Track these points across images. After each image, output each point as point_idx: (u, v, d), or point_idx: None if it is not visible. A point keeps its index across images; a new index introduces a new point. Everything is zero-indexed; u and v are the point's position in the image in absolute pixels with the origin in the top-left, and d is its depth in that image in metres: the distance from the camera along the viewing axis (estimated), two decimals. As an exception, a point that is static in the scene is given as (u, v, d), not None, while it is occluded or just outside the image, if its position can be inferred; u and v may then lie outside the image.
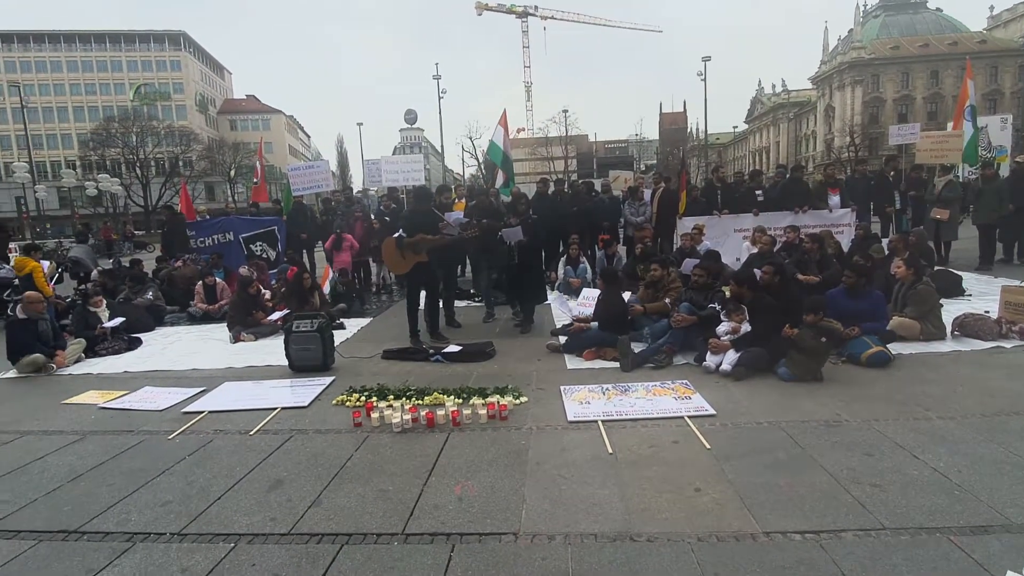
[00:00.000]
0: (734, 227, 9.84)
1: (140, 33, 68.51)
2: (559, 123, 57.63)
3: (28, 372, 6.18)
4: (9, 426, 4.69)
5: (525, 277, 7.04)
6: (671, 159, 62.93)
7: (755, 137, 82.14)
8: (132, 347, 7.18)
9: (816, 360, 4.82)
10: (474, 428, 4.15)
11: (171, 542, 2.90)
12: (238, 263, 10.09)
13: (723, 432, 3.89)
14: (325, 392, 5.12)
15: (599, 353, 5.69)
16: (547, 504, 3.05)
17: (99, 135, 53.59)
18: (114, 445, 4.18)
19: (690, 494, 3.09)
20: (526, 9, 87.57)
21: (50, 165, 60.71)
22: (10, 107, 56.82)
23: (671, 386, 4.76)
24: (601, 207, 10.50)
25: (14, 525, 3.14)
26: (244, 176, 56.76)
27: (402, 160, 12.15)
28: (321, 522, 3.00)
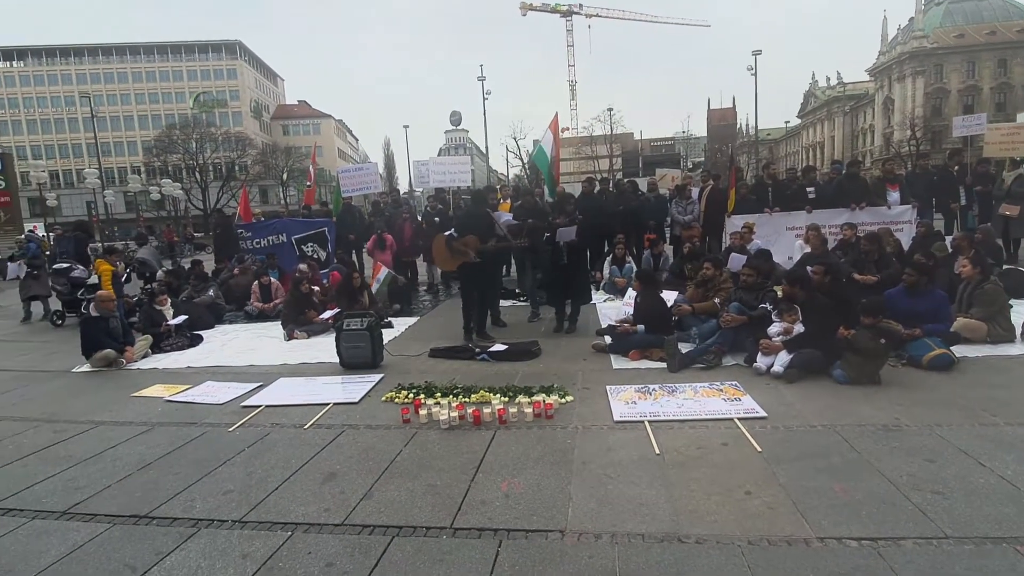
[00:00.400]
0: (786, 225, 9.53)
1: (199, 44, 71.65)
2: (604, 121, 57.20)
3: (100, 366, 6.57)
4: (84, 416, 5.01)
5: (570, 277, 7.03)
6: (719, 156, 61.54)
7: (808, 132, 79.34)
8: (194, 343, 7.54)
9: (874, 362, 4.65)
10: (520, 426, 4.19)
11: (232, 529, 3.05)
12: (291, 264, 10.43)
13: (774, 435, 3.81)
14: (374, 389, 5.26)
15: (645, 353, 5.63)
16: (593, 503, 3.06)
17: (162, 142, 56.30)
18: (179, 436, 4.41)
19: (740, 497, 3.04)
20: (571, 8, 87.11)
21: (117, 171, 64.13)
22: (82, 117, 60.29)
23: (720, 387, 4.68)
24: (647, 206, 10.39)
25: (91, 509, 3.36)
26: (295, 179, 58.61)
27: (449, 161, 12.31)
28: (373, 514, 3.10)
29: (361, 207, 13.83)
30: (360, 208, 13.44)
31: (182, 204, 50.33)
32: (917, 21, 57.05)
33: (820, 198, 9.75)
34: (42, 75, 68.78)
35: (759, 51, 36.64)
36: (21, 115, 68.37)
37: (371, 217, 11.91)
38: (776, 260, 7.80)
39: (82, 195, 52.23)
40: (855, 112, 69.04)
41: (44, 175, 33.35)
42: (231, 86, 71.51)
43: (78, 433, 4.61)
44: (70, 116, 66.95)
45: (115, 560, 2.81)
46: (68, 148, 68.03)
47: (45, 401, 5.56)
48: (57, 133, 68.71)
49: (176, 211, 50.19)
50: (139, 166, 60.39)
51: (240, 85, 71.94)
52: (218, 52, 71.81)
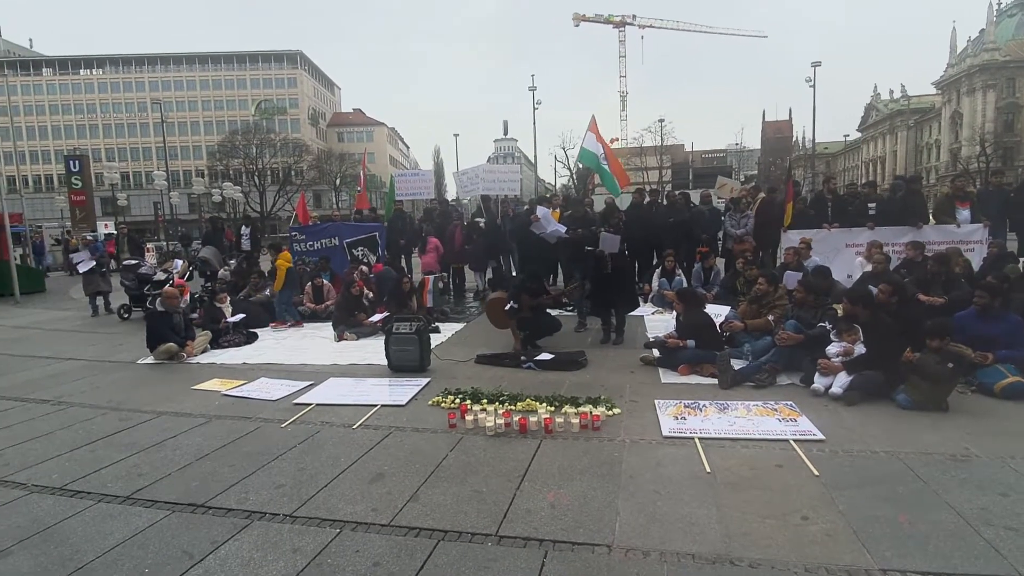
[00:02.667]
0: (846, 242, 9.17)
1: (262, 53, 74.75)
2: (654, 133, 56.57)
3: (163, 359, 6.88)
4: (148, 406, 5.24)
5: (616, 286, 6.96)
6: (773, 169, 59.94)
7: (869, 146, 76.40)
8: (250, 341, 7.81)
9: (941, 388, 4.41)
10: (566, 436, 4.15)
11: (284, 523, 3.12)
12: (342, 267, 10.70)
13: (833, 459, 3.65)
14: (421, 392, 5.32)
15: (695, 368, 5.51)
16: (642, 519, 3.00)
17: (224, 147, 58.87)
18: (235, 429, 4.56)
19: (796, 522, 2.92)
20: (624, 19, 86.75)
21: (183, 174, 67.32)
22: (152, 122, 63.77)
23: (775, 407, 4.53)
24: (699, 218, 10.18)
25: (152, 495, 3.50)
26: (347, 185, 60.23)
27: (499, 169, 12.38)
28: (419, 517, 3.12)
29: (411, 213, 14.10)
30: (410, 214, 13.70)
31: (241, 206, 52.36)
32: (988, 33, 54.28)
33: (882, 214, 9.35)
34: (118, 82, 73.10)
35: (818, 62, 35.51)
36: (98, 120, 72.77)
37: (421, 222, 12.10)
38: (835, 278, 7.49)
39: (150, 196, 54.97)
40: (919, 126, 66.12)
41: (116, 176, 35.32)
42: (291, 94, 74.29)
43: (141, 422, 4.84)
44: (141, 121, 70.80)
45: (174, 546, 2.92)
46: (139, 151, 71.88)
47: (112, 390, 5.85)
48: (129, 137, 72.72)
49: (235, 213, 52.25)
50: (203, 169, 63.25)
51: (299, 93, 74.65)
52: (280, 62, 74.77)
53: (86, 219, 29.48)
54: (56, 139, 70.60)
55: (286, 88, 74.34)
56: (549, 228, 7.15)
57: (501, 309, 6.80)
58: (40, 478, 3.79)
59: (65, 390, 5.88)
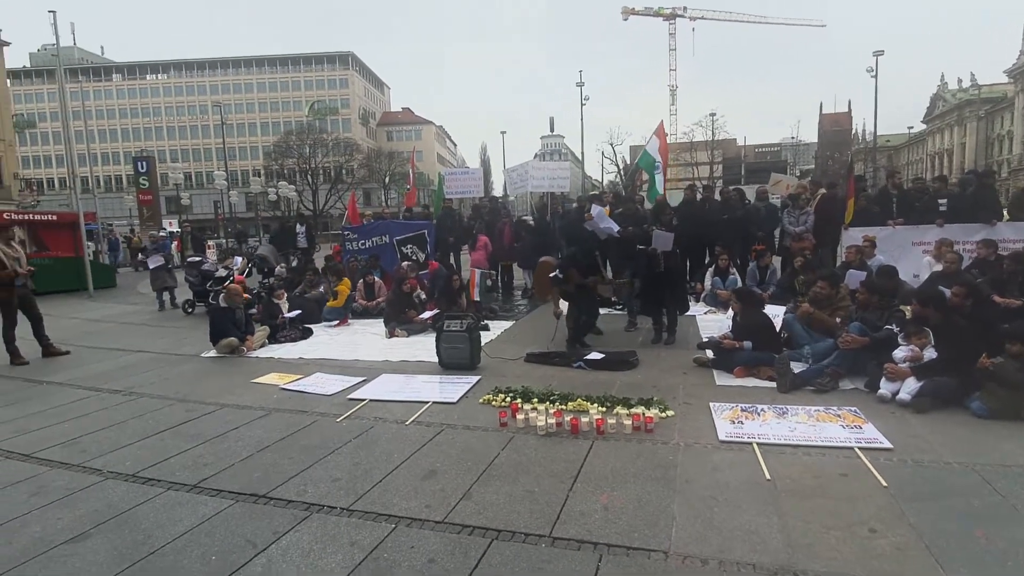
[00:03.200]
0: (913, 239, 8.70)
1: (316, 55, 76.86)
2: (705, 127, 55.18)
3: (224, 352, 7.17)
4: (211, 398, 5.47)
5: (667, 285, 6.82)
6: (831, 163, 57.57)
7: (935, 138, 72.36)
8: (305, 336, 8.04)
9: (1021, 396, 4.13)
10: (618, 438, 4.10)
11: (341, 516, 3.20)
12: (392, 264, 10.89)
13: (902, 469, 3.47)
14: (472, 390, 5.34)
15: (752, 371, 5.34)
16: (699, 526, 2.93)
17: (280, 147, 60.89)
18: (292, 423, 4.70)
19: (864, 535, 2.79)
20: (674, 11, 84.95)
21: (241, 173, 69.94)
22: (212, 124, 66.42)
23: (838, 412, 4.34)
24: (755, 215, 9.87)
25: (217, 485, 3.64)
26: (396, 183, 61.30)
27: (549, 166, 12.32)
28: (472, 515, 3.13)
29: (459, 210, 14.22)
30: (459, 211, 13.82)
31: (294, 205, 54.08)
32: (1072, 14, 50.50)
33: (952, 211, 8.83)
34: (181, 86, 76.61)
35: (881, 51, 33.88)
36: (163, 122, 76.47)
37: (470, 220, 12.18)
38: (901, 278, 7.14)
39: (210, 195, 57.37)
40: (990, 117, 62.12)
41: (180, 176, 36.96)
42: (342, 95, 76.19)
43: (205, 413, 5.05)
44: (203, 123, 73.92)
45: (238, 535, 3.03)
46: (200, 152, 75.10)
47: (178, 382, 6.13)
48: (191, 139, 76.10)
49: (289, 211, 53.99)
50: (259, 169, 65.63)
51: (351, 94, 76.47)
52: (332, 63, 76.73)
53: (152, 217, 31.07)
54: (125, 141, 74.51)
55: (338, 89, 76.27)
56: (603, 225, 7.07)
57: (547, 274, 6.77)
58: (114, 465, 4.00)
59: (135, 381, 6.20)
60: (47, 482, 3.79)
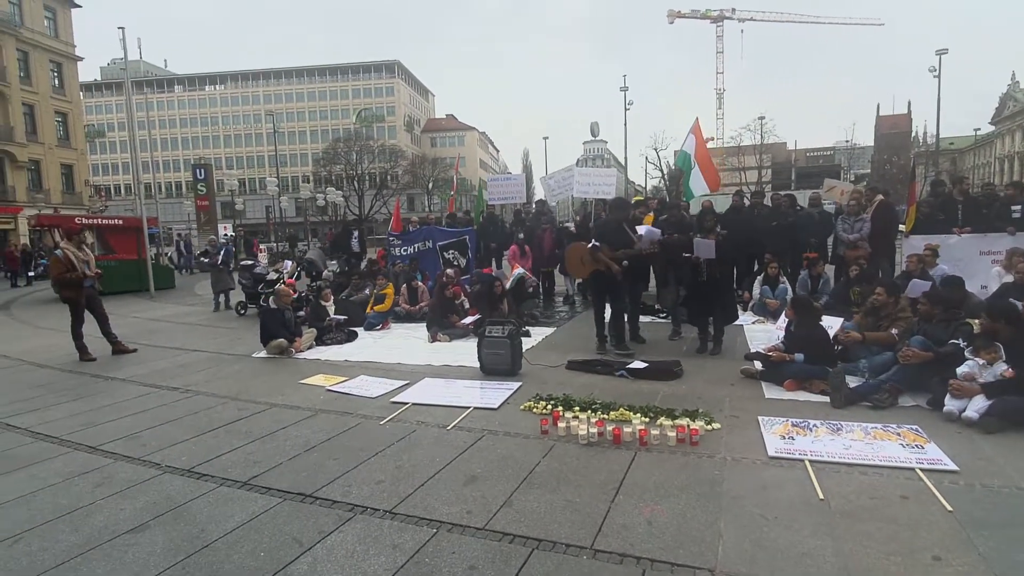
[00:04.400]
0: (980, 249, 8.24)
1: (363, 65, 78.78)
2: (753, 131, 53.83)
3: (274, 353, 7.38)
4: (261, 397, 5.63)
5: (713, 294, 6.65)
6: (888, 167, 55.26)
7: (1004, 141, 68.45)
8: (350, 339, 8.21)
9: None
10: (662, 450, 4.01)
11: (384, 518, 3.23)
12: (435, 269, 11.03)
13: (969, 493, 3.27)
14: (513, 397, 5.33)
15: (803, 384, 5.14)
16: (747, 545, 2.83)
17: (328, 154, 62.58)
18: (338, 424, 4.80)
19: (927, 562, 2.64)
20: (722, 13, 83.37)
21: (291, 180, 72.07)
22: (265, 132, 68.89)
23: (897, 431, 4.13)
24: (807, 222, 9.53)
25: (266, 482, 3.74)
26: (439, 189, 62.11)
27: (595, 172, 12.21)
28: (512, 523, 3.12)
29: (501, 216, 14.28)
30: (501, 217, 13.87)
31: (341, 210, 55.41)
32: None
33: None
34: (237, 96, 79.73)
35: (944, 50, 32.34)
36: (220, 131, 79.73)
37: (512, 227, 12.21)
38: (968, 289, 6.76)
39: (262, 200, 59.40)
40: (1069, 117, 58.45)
41: (235, 183, 38.53)
42: (388, 102, 77.80)
43: (256, 412, 5.20)
44: (256, 132, 76.73)
45: (286, 533, 3.10)
46: (254, 159, 77.91)
47: (231, 381, 6.35)
48: (246, 147, 79.08)
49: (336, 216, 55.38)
50: (308, 175, 67.61)
51: (396, 101, 78.01)
52: (379, 72, 78.47)
53: (209, 222, 32.42)
54: (184, 149, 78.00)
55: (384, 96, 77.92)
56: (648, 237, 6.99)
57: (578, 253, 6.82)
58: (172, 459, 4.16)
59: (192, 379, 6.45)
60: (111, 474, 3.97)
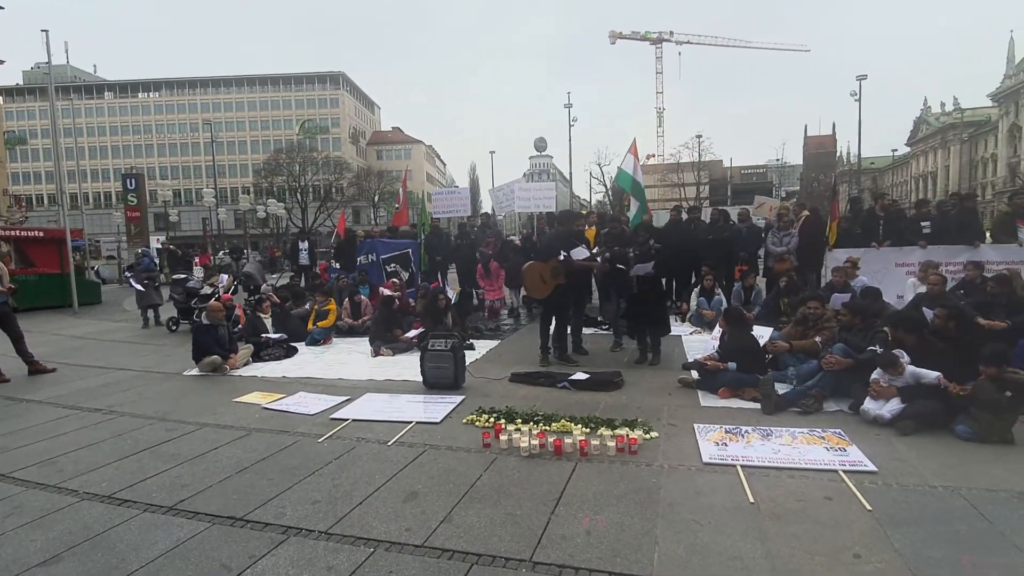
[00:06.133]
0: (896, 261, 8.82)
1: (307, 75, 77.24)
2: (691, 148, 55.83)
3: (207, 371, 7.06)
4: (191, 417, 5.38)
5: (648, 308, 6.83)
6: (815, 185, 58.42)
7: (919, 161, 73.81)
8: (289, 355, 7.96)
9: (1003, 418, 4.15)
10: (602, 460, 4.06)
11: (319, 539, 3.12)
12: (378, 282, 10.87)
13: (887, 493, 3.46)
14: (456, 410, 5.29)
15: (736, 392, 5.34)
16: (682, 550, 2.89)
17: (269, 165, 60.93)
18: (273, 443, 4.62)
19: (848, 560, 2.77)
20: (661, 35, 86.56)
21: (230, 191, 69.60)
22: (203, 142, 66.49)
23: (822, 434, 4.34)
24: (739, 236, 9.96)
25: (194, 507, 3.56)
26: (386, 201, 61.44)
27: (535, 187, 12.41)
28: (452, 538, 3.08)
29: (447, 230, 14.25)
30: (446, 231, 13.84)
31: (283, 222, 53.90)
32: (1050, 42, 52.04)
33: (936, 233, 8.97)
34: (172, 104, 76.63)
35: (864, 76, 34.61)
36: (153, 140, 76.35)
37: (457, 240, 12.19)
38: (885, 299, 7.20)
39: (199, 212, 57.04)
40: (974, 140, 63.58)
41: (169, 194, 36.82)
42: (333, 114, 76.50)
43: (185, 433, 4.95)
44: (193, 141, 73.89)
45: (213, 559, 2.96)
46: (190, 169, 74.88)
47: (159, 400, 6.03)
48: (182, 156, 75.95)
49: (278, 228, 53.84)
50: (248, 186, 65.55)
51: (341, 113, 76.81)
52: (323, 82, 77.13)
53: (140, 234, 30.83)
54: (115, 158, 74.28)
55: (328, 108, 76.60)
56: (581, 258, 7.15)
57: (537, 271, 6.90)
58: (91, 485, 3.91)
59: (116, 400, 6.09)
60: (22, 503, 3.69)
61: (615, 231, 8.14)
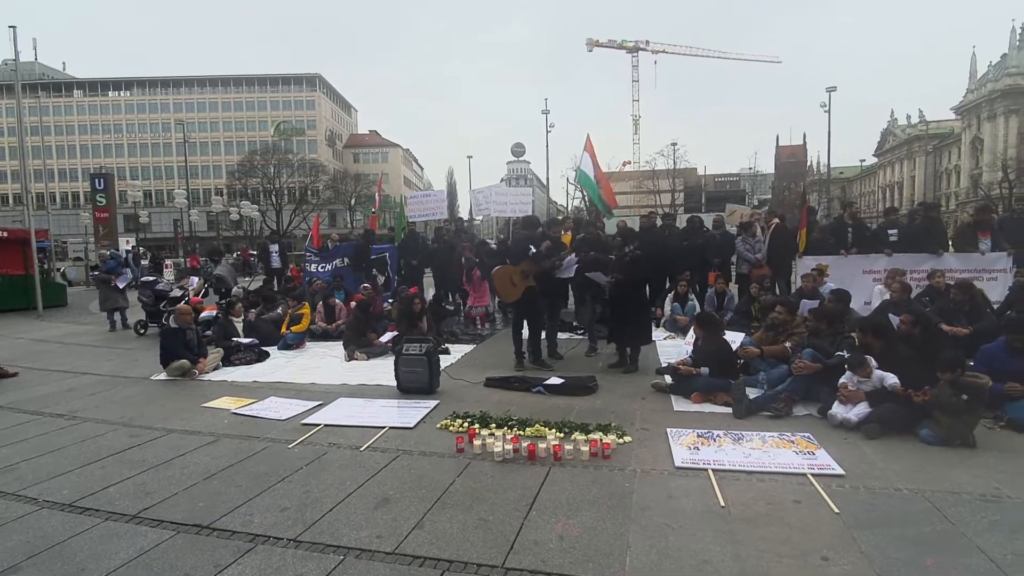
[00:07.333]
0: (863, 268, 9.03)
1: (283, 76, 76.32)
2: (667, 156, 56.62)
3: (175, 375, 6.91)
4: (158, 423, 5.24)
5: (628, 316, 6.84)
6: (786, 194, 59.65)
7: (886, 171, 75.92)
8: (261, 359, 7.81)
9: (963, 421, 4.25)
10: (575, 464, 4.06)
11: (287, 547, 3.07)
12: (355, 286, 10.75)
13: (854, 496, 3.52)
14: (430, 415, 5.25)
15: (709, 396, 5.39)
16: (654, 555, 2.90)
17: (244, 166, 60.00)
18: (242, 449, 4.53)
19: (816, 562, 2.81)
20: (637, 44, 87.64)
21: (203, 192, 68.38)
22: (175, 142, 65.20)
23: (792, 438, 4.40)
24: (712, 243, 10.10)
25: (158, 515, 3.47)
26: (362, 205, 60.97)
27: (511, 192, 12.44)
28: (424, 545, 3.05)
29: (423, 233, 14.18)
30: (423, 234, 13.78)
31: (257, 225, 53.07)
32: (1011, 58, 53.89)
33: (901, 241, 9.21)
34: (144, 103, 75.07)
35: (833, 88, 35.47)
36: (124, 140, 74.67)
37: (434, 243, 12.14)
38: (851, 306, 7.35)
39: (170, 213, 56.00)
40: (938, 152, 65.63)
41: (139, 195, 36.10)
42: (309, 116, 75.71)
43: (151, 439, 4.83)
44: (165, 141, 72.46)
45: (177, 569, 2.88)
46: (162, 170, 73.38)
47: (125, 406, 5.87)
48: (153, 156, 74.41)
49: (252, 231, 52.98)
50: (222, 188, 64.44)
51: (317, 115, 76.07)
52: (299, 84, 76.31)
53: (109, 235, 30.09)
54: (84, 158, 72.50)
55: (304, 110, 75.80)
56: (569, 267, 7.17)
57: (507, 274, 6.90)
58: (51, 493, 3.80)
59: (79, 405, 5.93)
60: (-23, 512, 3.55)
61: (591, 235, 8.17)
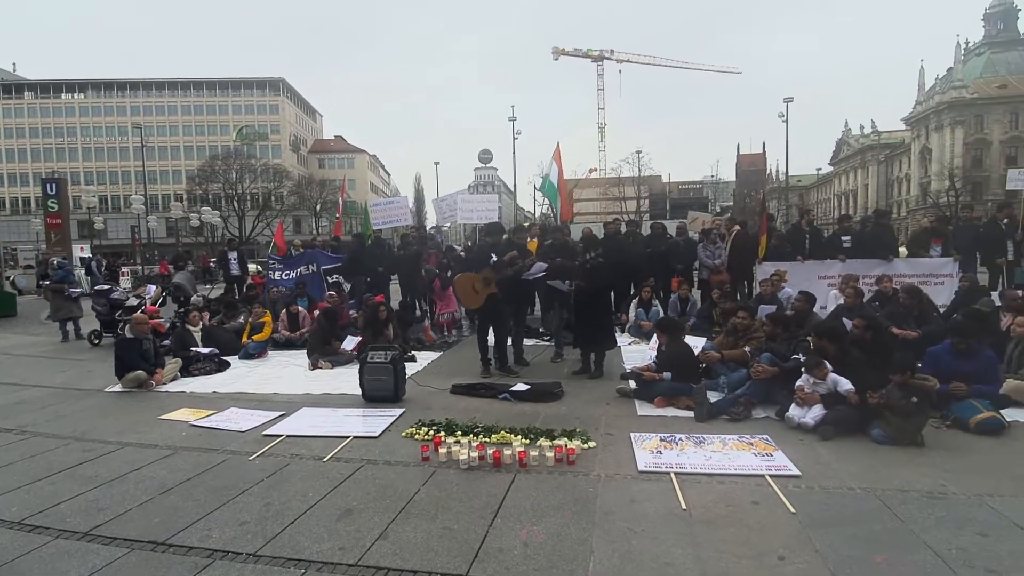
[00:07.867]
0: (819, 274, 9.35)
1: (245, 80, 74.76)
2: (632, 163, 57.55)
3: (131, 387, 6.68)
4: (112, 436, 5.06)
5: (592, 322, 6.91)
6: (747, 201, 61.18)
7: (841, 180, 78.63)
8: (221, 369, 7.63)
9: (911, 422, 4.42)
10: (540, 471, 4.08)
11: (247, 563, 3.00)
12: (319, 294, 10.60)
13: (809, 496, 3.62)
14: (395, 423, 5.21)
15: (671, 401, 5.49)
16: (616, 559, 2.94)
17: (204, 171, 58.55)
18: (201, 462, 4.41)
19: (773, 562, 2.88)
20: (602, 53, 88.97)
21: (162, 198, 66.41)
22: (132, 146, 63.28)
23: (750, 441, 4.51)
24: (675, 249, 10.30)
25: (111, 532, 3.35)
26: (328, 211, 60.13)
27: (478, 199, 12.47)
28: (387, 556, 3.02)
29: (390, 240, 14.07)
30: (389, 241, 13.67)
31: (219, 231, 51.83)
32: (956, 71, 56.49)
33: (855, 247, 9.57)
34: (99, 106, 72.58)
35: (791, 98, 36.63)
36: (78, 143, 72.05)
37: (400, 250, 12.05)
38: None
39: (127, 219, 54.26)
40: (890, 161, 68.29)
41: (94, 200, 34.92)
42: (272, 121, 74.29)
43: (105, 453, 4.66)
44: (121, 145, 70.21)
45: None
46: (118, 175, 71.04)
47: (77, 419, 5.66)
48: (109, 161, 71.97)
49: (213, 238, 51.72)
50: (182, 194, 62.74)
51: (281, 120, 74.72)
52: (262, 88, 74.87)
53: (61, 242, 28.90)
54: (35, 161, 69.77)
55: (268, 114, 74.33)
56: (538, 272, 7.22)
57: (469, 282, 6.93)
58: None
59: (29, 419, 5.68)
60: (-84, 534, 3.37)
61: (558, 242, 8.23)
